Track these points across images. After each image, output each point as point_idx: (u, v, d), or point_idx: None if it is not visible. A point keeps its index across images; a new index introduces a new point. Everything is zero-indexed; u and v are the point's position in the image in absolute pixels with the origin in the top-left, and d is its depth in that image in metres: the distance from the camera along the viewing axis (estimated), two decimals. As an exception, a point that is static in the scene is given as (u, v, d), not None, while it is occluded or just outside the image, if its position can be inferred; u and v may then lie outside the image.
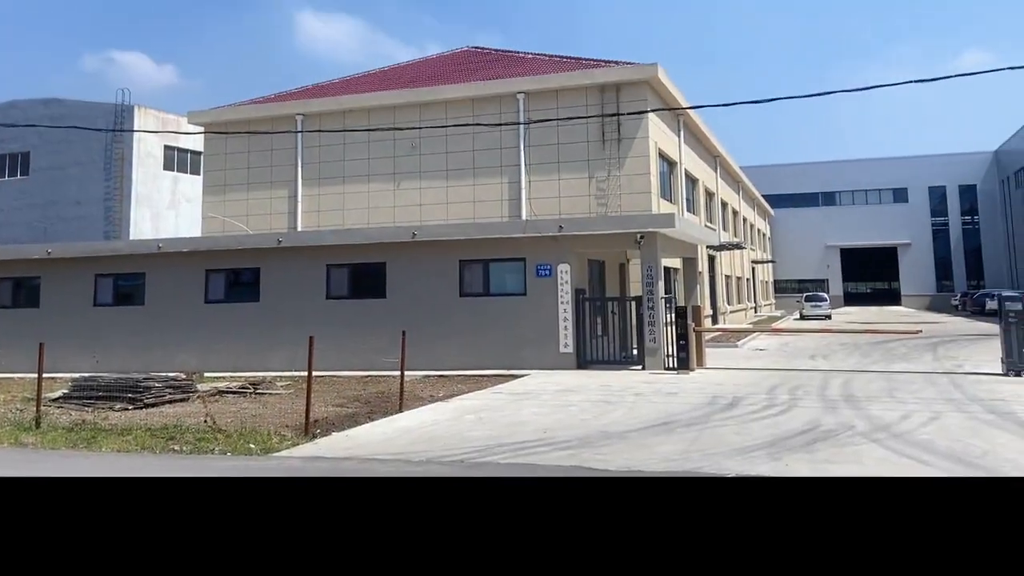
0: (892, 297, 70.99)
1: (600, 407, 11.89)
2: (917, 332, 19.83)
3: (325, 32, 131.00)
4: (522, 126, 22.56)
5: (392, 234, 19.26)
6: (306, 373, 10.73)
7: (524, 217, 22.09)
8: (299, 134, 24.96)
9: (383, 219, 23.64)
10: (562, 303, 17.56)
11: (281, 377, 16.97)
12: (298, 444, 9.42)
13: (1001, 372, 15.09)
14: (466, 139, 23.11)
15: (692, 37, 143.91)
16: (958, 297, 56.12)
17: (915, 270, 67.13)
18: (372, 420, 11.16)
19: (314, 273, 19.48)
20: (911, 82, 13.45)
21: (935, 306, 61.63)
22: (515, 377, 16.04)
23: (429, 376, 16.60)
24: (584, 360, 17.53)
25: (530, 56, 26.99)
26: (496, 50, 29.40)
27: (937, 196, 67.27)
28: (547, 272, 17.73)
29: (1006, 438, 9.00)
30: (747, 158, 52.54)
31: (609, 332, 18.33)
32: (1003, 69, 13.59)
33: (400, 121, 23.41)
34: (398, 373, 12.87)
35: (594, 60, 24.46)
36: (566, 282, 17.58)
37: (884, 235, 67.24)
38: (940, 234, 67.16)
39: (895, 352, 20.74)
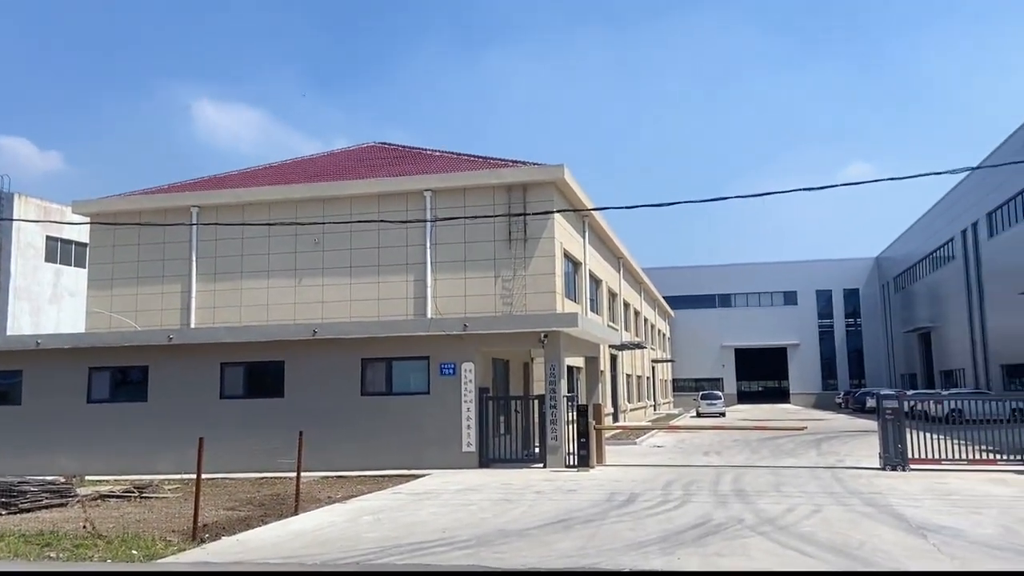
0: (782, 395, 74.25)
1: (501, 506, 11.88)
2: (803, 429, 20.78)
3: (224, 122, 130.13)
4: (429, 224, 22.98)
5: (291, 332, 19.02)
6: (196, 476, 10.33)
7: (429, 315, 22.24)
8: (194, 227, 24.50)
9: (283, 316, 23.30)
10: (466, 402, 17.60)
11: (170, 480, 16.13)
12: (185, 549, 9.00)
13: (879, 466, 15.97)
14: (371, 235, 23.30)
15: (597, 140, 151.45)
16: (841, 395, 59.06)
17: (803, 369, 70.58)
18: (265, 523, 10.79)
19: (207, 372, 18.91)
20: (800, 190, 14.68)
21: (820, 404, 64.61)
22: (416, 477, 15.83)
23: (328, 477, 16.17)
24: (487, 459, 17.49)
25: (437, 154, 27.63)
26: (403, 146, 29.88)
27: (824, 299, 71.67)
28: (451, 371, 17.81)
29: (881, 530, 9.53)
30: (649, 260, 54.75)
31: (512, 431, 18.43)
32: (883, 180, 15.01)
33: (302, 216, 23.41)
34: (295, 474, 12.52)
35: (502, 160, 24.91)
36: (470, 381, 17.69)
37: (775, 336, 70.75)
38: (826, 335, 71.18)
39: (783, 448, 21.61)
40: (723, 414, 45.42)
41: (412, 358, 18.11)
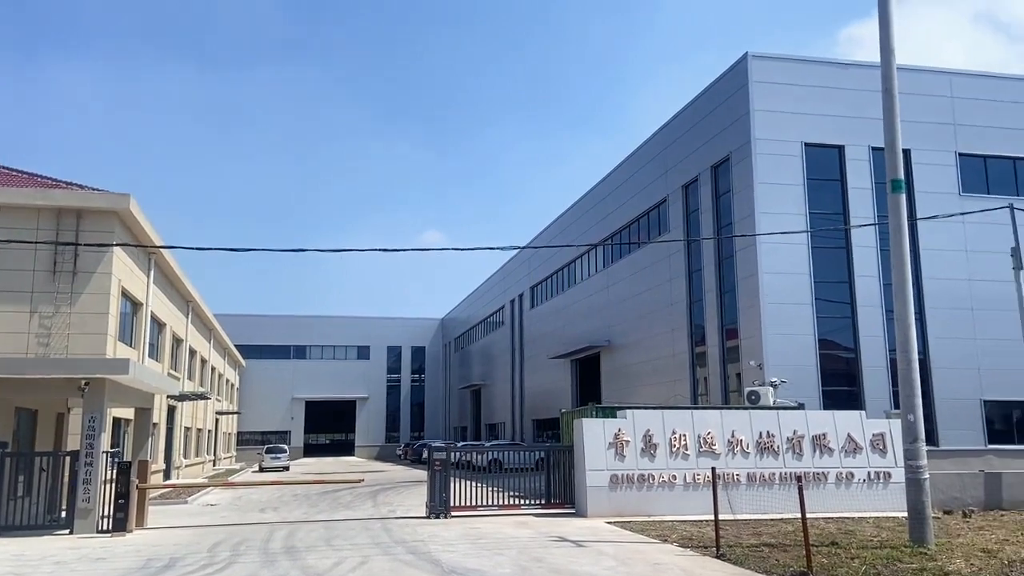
0: (348, 447, 76.20)
1: (3, 585, 10.00)
2: (360, 481, 21.37)
3: None
4: (-57, 244, 18.95)
5: None
6: None
7: (-70, 353, 18.19)
8: None
9: None
10: (-29, 459, 14.60)
11: None
12: None
13: (425, 515, 17.11)
14: None
15: (170, 177, 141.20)
16: (402, 447, 62.64)
17: (370, 422, 73.44)
18: None
19: None
20: (375, 250, 15.45)
21: (383, 455, 67.75)
22: None
23: None
24: (-6, 528, 14.65)
25: (-33, 161, 23.12)
26: (-82, 148, 24.53)
27: (394, 355, 75.87)
28: (-46, 421, 14.69)
29: (418, 576, 10.14)
30: (226, 306, 52.24)
31: (34, 493, 15.77)
32: (448, 249, 16.59)
33: None
34: None
35: (53, 179, 21.81)
36: (-20, 434, 14.77)
37: (347, 389, 72.62)
38: (393, 389, 75.21)
39: (341, 500, 21.97)
40: (287, 468, 44.90)
41: (-102, 406, 14.56)
